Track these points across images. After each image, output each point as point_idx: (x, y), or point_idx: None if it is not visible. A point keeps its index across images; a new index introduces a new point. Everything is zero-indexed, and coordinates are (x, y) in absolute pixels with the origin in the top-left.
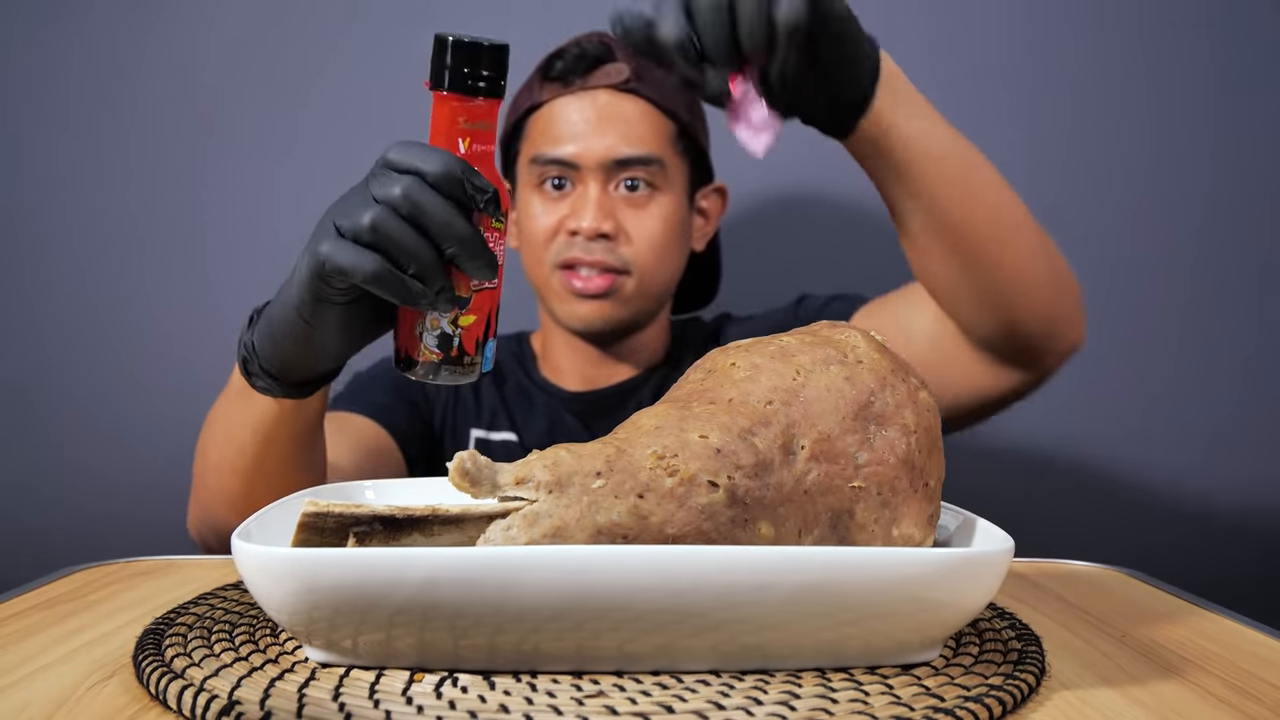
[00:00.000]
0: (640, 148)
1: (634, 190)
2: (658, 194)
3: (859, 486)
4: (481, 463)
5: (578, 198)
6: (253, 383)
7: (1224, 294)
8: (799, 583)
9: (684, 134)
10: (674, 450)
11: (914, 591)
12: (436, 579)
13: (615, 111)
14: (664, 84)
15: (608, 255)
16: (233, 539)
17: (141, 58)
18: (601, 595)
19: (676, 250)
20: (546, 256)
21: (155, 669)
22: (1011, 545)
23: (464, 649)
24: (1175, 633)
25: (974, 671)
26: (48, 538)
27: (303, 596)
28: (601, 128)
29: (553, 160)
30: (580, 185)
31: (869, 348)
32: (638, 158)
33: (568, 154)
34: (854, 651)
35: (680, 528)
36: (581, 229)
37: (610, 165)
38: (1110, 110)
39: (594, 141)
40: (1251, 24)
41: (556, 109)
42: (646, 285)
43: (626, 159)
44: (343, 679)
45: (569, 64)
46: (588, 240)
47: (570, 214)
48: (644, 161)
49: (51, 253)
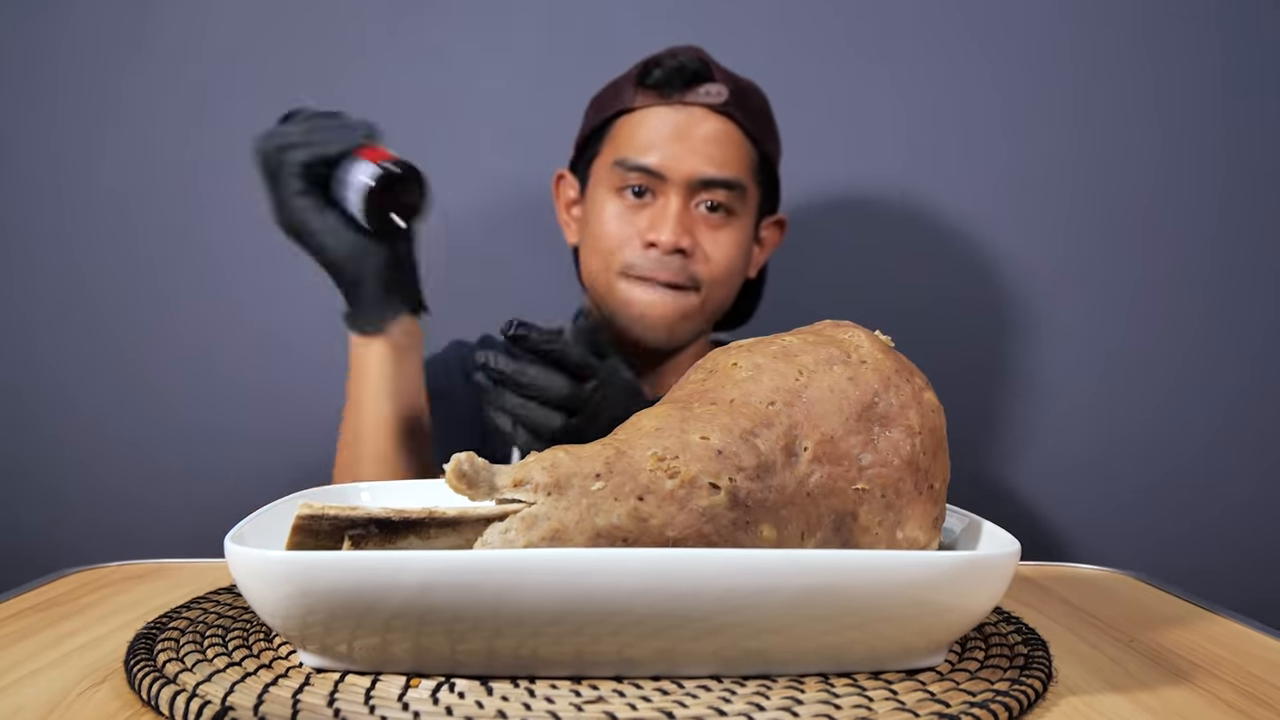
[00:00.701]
0: (727, 171)
1: (713, 211)
2: (734, 219)
3: (863, 488)
4: (479, 464)
5: (658, 210)
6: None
7: (1234, 292)
8: (802, 586)
9: (765, 163)
10: (675, 452)
11: (919, 595)
12: (433, 583)
13: (708, 131)
14: (755, 110)
15: (679, 273)
16: (226, 542)
17: (133, 51)
18: (601, 599)
19: (739, 274)
20: (614, 263)
21: (147, 674)
22: (1018, 548)
23: (461, 654)
24: (1184, 637)
25: (979, 676)
26: (39, 540)
27: (297, 600)
28: (692, 144)
29: (639, 167)
30: (662, 197)
31: (872, 347)
32: (723, 180)
33: (655, 163)
34: (858, 656)
35: (681, 530)
36: (660, 242)
37: (696, 183)
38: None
39: (684, 156)
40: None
41: (650, 117)
42: (709, 305)
43: (712, 180)
44: (338, 684)
45: (667, 75)
46: (663, 254)
47: (649, 226)
48: (728, 185)
49: (44, 252)
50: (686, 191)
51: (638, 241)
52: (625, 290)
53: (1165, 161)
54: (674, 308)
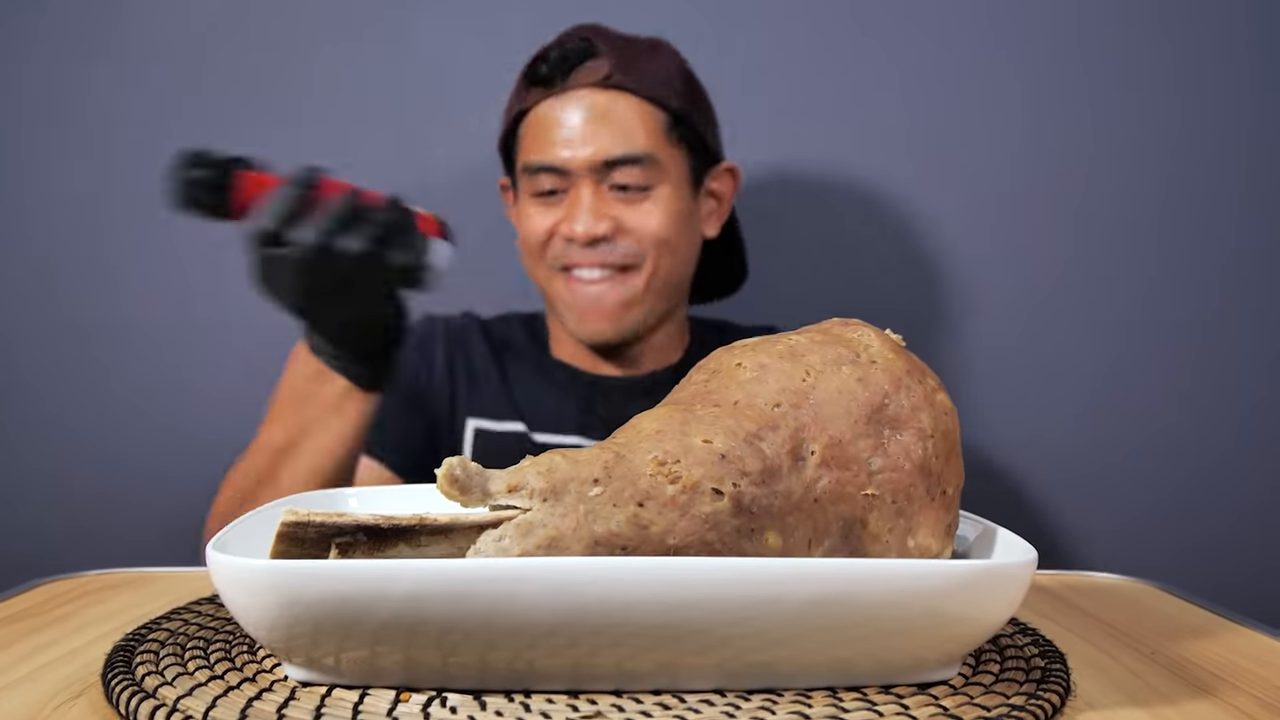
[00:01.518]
0: (630, 146)
1: (626, 191)
2: (653, 190)
3: (872, 494)
4: (472, 469)
5: (571, 202)
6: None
7: (1255, 293)
8: (809, 596)
9: (679, 122)
10: (676, 456)
11: (931, 605)
12: (424, 592)
13: (601, 111)
14: (650, 73)
15: (609, 253)
16: (208, 550)
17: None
18: (599, 609)
19: (685, 242)
20: (544, 261)
21: (126, 688)
22: (1034, 556)
23: (453, 667)
24: (1208, 649)
25: (994, 690)
26: (12, 549)
27: (282, 611)
28: (588, 129)
29: (542, 167)
30: (573, 190)
31: (882, 347)
32: (628, 157)
33: (556, 159)
34: (867, 669)
35: (682, 538)
36: (575, 235)
37: (600, 166)
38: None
39: (581, 144)
40: None
41: (542, 113)
42: (656, 279)
43: (615, 159)
44: (324, 699)
45: (550, 66)
46: (583, 246)
47: (564, 218)
48: (634, 160)
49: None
50: (594, 177)
51: (558, 237)
52: (564, 288)
53: (1183, 156)
54: (614, 298)
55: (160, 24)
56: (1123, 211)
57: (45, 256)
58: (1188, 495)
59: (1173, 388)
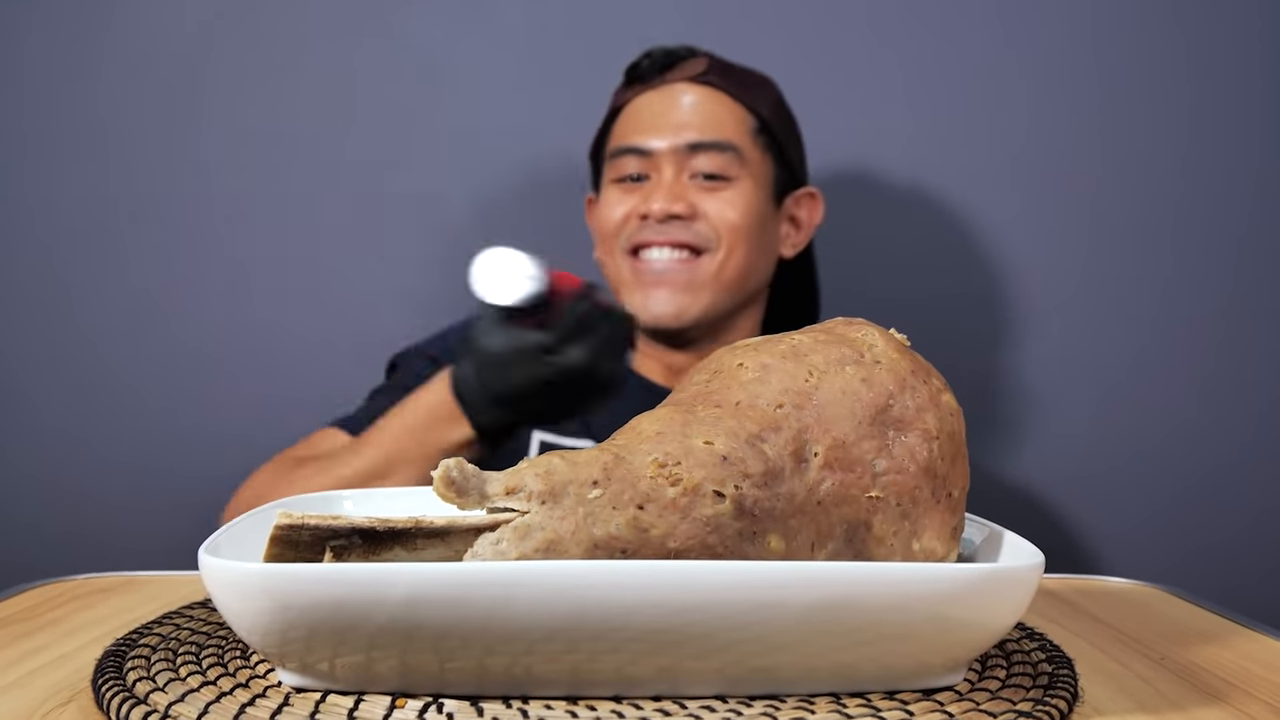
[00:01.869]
0: (714, 133)
1: (709, 179)
2: (734, 183)
3: (876, 497)
4: (469, 471)
5: (653, 185)
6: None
7: (1266, 295)
8: (812, 600)
9: (765, 130)
10: (677, 458)
11: (936, 610)
12: (420, 596)
13: (690, 101)
14: (745, 81)
15: (682, 232)
16: (200, 554)
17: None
18: (598, 614)
19: (759, 241)
20: (617, 245)
21: (116, 694)
22: (1041, 560)
23: (450, 672)
24: (1218, 655)
25: (1001, 696)
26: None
27: (275, 615)
28: (676, 116)
29: (626, 149)
30: (655, 174)
31: (887, 347)
32: (711, 142)
33: (641, 141)
34: (871, 675)
35: (683, 541)
36: (652, 211)
37: (683, 149)
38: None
39: (667, 129)
40: None
41: (637, 105)
42: (727, 269)
43: (699, 143)
44: (319, 705)
45: (653, 61)
46: (659, 223)
47: (642, 200)
48: (718, 146)
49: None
50: (676, 161)
51: (634, 216)
52: (632, 269)
53: (1195, 157)
54: (682, 277)
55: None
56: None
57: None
58: (1197, 499)
59: (1185, 391)
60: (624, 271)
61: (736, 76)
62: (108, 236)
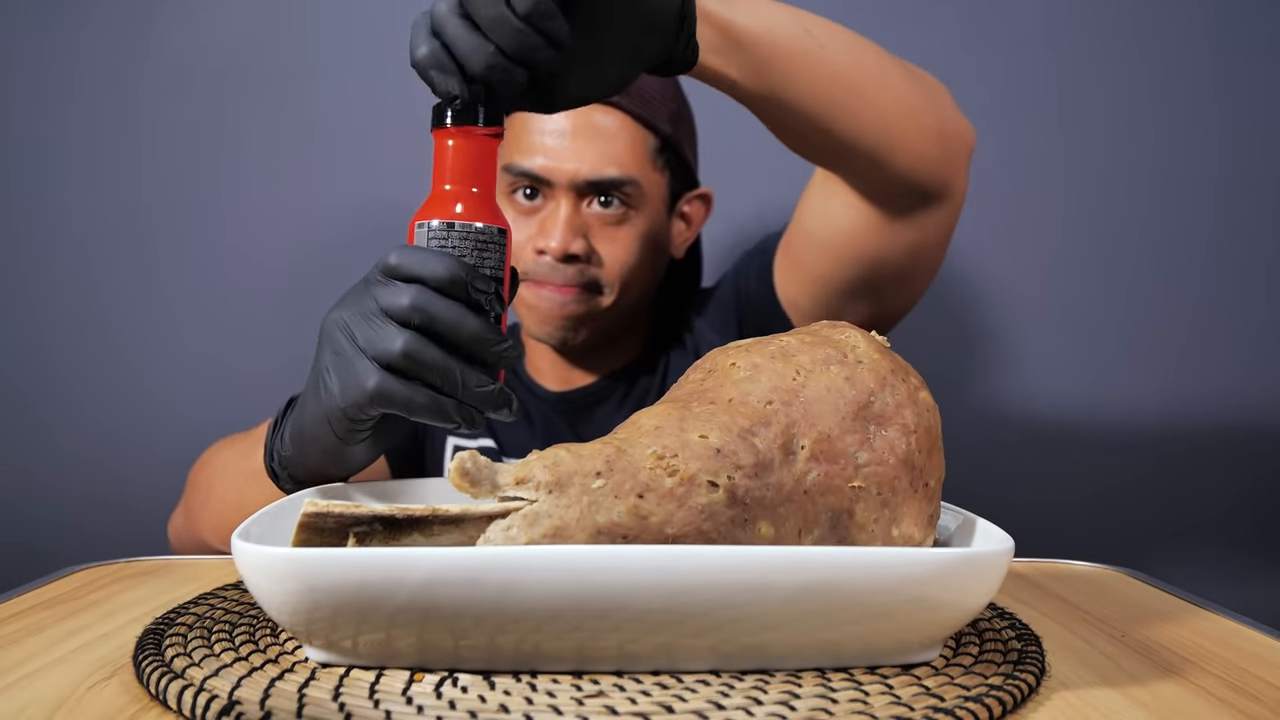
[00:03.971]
0: (616, 169)
1: (607, 207)
2: (633, 213)
3: (859, 486)
4: (481, 463)
5: (548, 215)
6: (279, 485)
7: (1230, 290)
8: (799, 583)
9: (665, 147)
10: (674, 450)
11: (914, 591)
12: (436, 579)
13: (592, 126)
14: (645, 93)
15: (578, 276)
16: (233, 539)
17: (143, 55)
18: (601, 595)
19: (651, 267)
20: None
21: (155, 669)
22: (1011, 545)
23: (464, 649)
24: (1175, 633)
25: (974, 671)
26: (47, 537)
27: (303, 596)
28: (577, 144)
29: (523, 172)
30: (551, 201)
31: (869, 348)
32: (610, 180)
33: (538, 167)
34: (854, 651)
35: (680, 528)
36: (549, 250)
37: (582, 185)
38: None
39: (567, 158)
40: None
41: (532, 117)
42: (620, 305)
43: (598, 181)
44: (343, 679)
45: None
46: (555, 261)
47: (539, 232)
48: (616, 184)
49: (51, 251)
50: (574, 194)
51: (530, 248)
52: (528, 292)
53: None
54: (580, 309)
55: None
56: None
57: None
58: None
59: (1147, 383)
60: (522, 292)
61: (641, 93)
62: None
